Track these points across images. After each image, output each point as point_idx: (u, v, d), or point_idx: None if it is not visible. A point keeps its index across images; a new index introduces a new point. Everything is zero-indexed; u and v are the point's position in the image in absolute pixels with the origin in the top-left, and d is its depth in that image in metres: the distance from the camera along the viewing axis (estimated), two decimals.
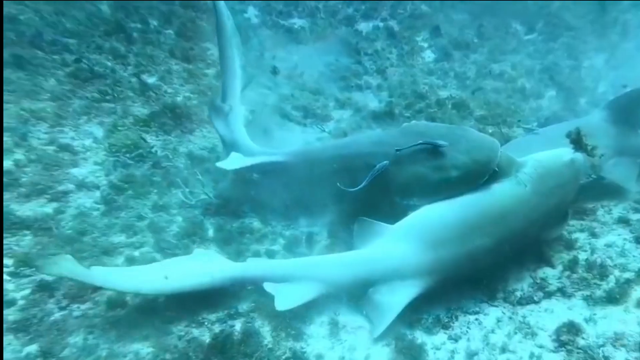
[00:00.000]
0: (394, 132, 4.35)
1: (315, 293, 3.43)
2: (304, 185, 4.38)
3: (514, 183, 3.76)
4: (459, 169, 3.75)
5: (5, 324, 3.03)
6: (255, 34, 9.01)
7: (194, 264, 3.50)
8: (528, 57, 8.80)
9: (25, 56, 5.61)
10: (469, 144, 3.87)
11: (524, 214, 3.72)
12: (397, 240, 3.63)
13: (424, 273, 3.48)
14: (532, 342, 3.25)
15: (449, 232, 3.58)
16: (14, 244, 3.58)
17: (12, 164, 4.22)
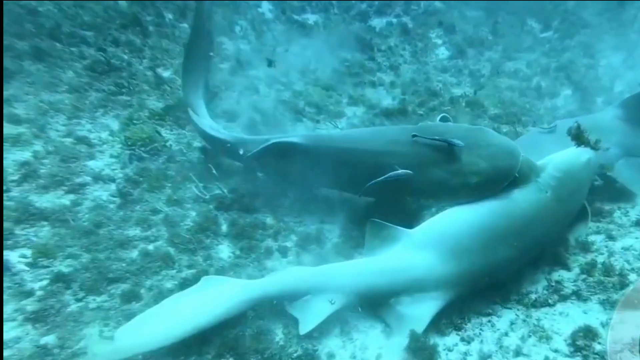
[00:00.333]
0: (411, 131, 4.18)
1: (335, 306, 3.29)
2: (316, 171, 4.20)
3: (535, 189, 3.64)
4: (478, 175, 3.59)
5: (24, 314, 3.06)
6: (268, 28, 8.94)
7: (209, 293, 3.25)
8: (543, 55, 8.61)
9: (44, 48, 5.62)
10: (489, 148, 3.69)
11: (545, 222, 3.63)
12: (418, 248, 3.49)
13: (447, 285, 3.36)
14: (546, 346, 3.18)
15: (473, 242, 3.45)
16: (33, 235, 3.60)
17: (31, 155, 4.24)
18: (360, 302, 3.39)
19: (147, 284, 3.52)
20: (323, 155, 4.14)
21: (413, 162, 3.78)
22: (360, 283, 3.37)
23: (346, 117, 6.39)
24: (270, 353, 3.09)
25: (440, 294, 3.34)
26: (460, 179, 3.62)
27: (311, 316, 3.24)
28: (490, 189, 3.61)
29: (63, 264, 3.45)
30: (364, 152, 4.01)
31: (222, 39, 8.00)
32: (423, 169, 3.75)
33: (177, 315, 3.06)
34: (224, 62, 7.26)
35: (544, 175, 3.70)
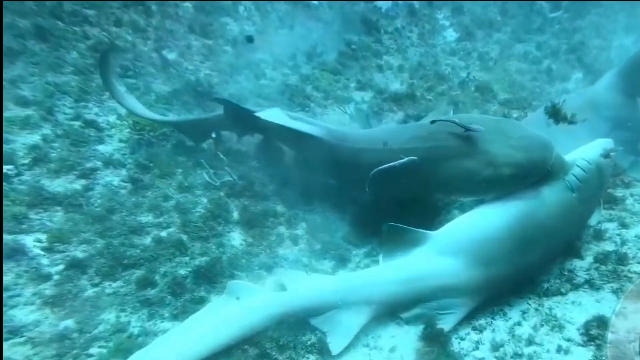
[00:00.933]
0: (432, 127, 3.98)
1: (365, 319, 3.24)
2: (333, 168, 4.19)
3: (563, 189, 3.54)
4: (512, 167, 3.44)
5: (42, 297, 3.11)
6: (273, 9, 8.77)
7: (233, 308, 3.16)
8: (554, 36, 8.48)
9: (46, 27, 5.51)
10: (523, 140, 3.57)
11: (571, 223, 3.60)
12: (443, 253, 3.38)
13: (475, 292, 3.32)
14: (559, 335, 3.22)
15: (502, 248, 3.35)
16: (47, 220, 3.63)
17: (40, 138, 4.22)
18: (387, 312, 3.36)
19: (162, 271, 3.56)
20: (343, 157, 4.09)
21: (441, 154, 3.66)
22: (387, 293, 3.29)
23: (354, 102, 6.33)
24: (285, 341, 3.14)
25: (466, 299, 3.31)
26: (492, 170, 3.48)
27: (341, 333, 3.17)
28: (522, 181, 3.50)
29: (78, 249, 3.48)
30: (384, 151, 3.83)
31: (226, 19, 7.87)
32: (452, 161, 3.62)
33: (198, 339, 3.00)
34: (228, 45, 7.15)
35: (572, 173, 3.59)
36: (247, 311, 3.12)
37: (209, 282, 3.58)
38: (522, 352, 3.12)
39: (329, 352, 3.15)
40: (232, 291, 3.21)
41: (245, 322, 3.08)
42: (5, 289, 3.08)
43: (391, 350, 3.22)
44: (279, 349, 3.08)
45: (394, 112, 6.21)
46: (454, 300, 3.30)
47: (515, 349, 3.14)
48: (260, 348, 3.06)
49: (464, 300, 3.31)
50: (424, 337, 3.21)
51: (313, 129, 4.22)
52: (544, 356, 3.09)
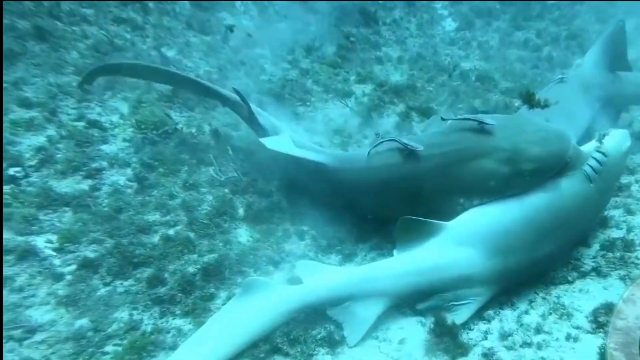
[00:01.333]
0: (445, 131, 3.95)
1: (380, 310, 3.29)
2: (343, 194, 4.07)
3: (581, 180, 3.53)
4: (531, 162, 3.41)
5: (56, 297, 3.17)
6: (270, 3, 8.74)
7: (250, 306, 3.19)
8: (553, 23, 8.50)
9: (46, 27, 5.51)
10: (538, 134, 3.55)
11: (588, 214, 3.61)
12: (459, 244, 3.38)
13: (491, 282, 3.33)
14: (567, 323, 3.25)
15: (519, 238, 3.36)
16: (56, 221, 3.68)
17: (46, 140, 4.26)
18: (403, 303, 3.40)
19: (171, 269, 3.62)
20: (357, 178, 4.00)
21: (457, 157, 3.63)
22: (403, 284, 3.32)
23: (355, 96, 6.34)
24: (295, 335, 3.20)
25: (482, 290, 3.33)
26: (511, 167, 3.46)
27: (357, 325, 3.22)
28: (542, 175, 3.48)
29: (88, 249, 3.55)
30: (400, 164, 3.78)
31: (224, 14, 7.86)
32: (469, 163, 3.59)
33: (222, 338, 3.05)
34: (229, 40, 7.14)
35: (589, 163, 3.58)
36: (266, 307, 3.17)
37: (218, 279, 3.64)
38: (531, 340, 3.16)
39: (339, 345, 3.22)
40: (249, 288, 3.26)
41: (266, 317, 3.14)
42: (20, 290, 3.15)
43: (401, 342, 3.28)
44: (290, 344, 3.15)
45: (395, 104, 6.24)
46: (470, 290, 3.32)
47: (524, 338, 3.17)
48: (272, 343, 3.13)
49: (479, 290, 3.33)
50: (434, 328, 3.24)
51: (320, 156, 4.13)
52: (553, 344, 3.13)
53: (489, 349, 3.13)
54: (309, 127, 5.63)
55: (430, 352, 3.17)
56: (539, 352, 3.10)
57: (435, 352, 3.16)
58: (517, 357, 3.08)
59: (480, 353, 3.13)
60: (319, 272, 3.41)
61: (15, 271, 3.25)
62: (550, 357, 3.04)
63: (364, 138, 5.55)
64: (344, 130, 5.61)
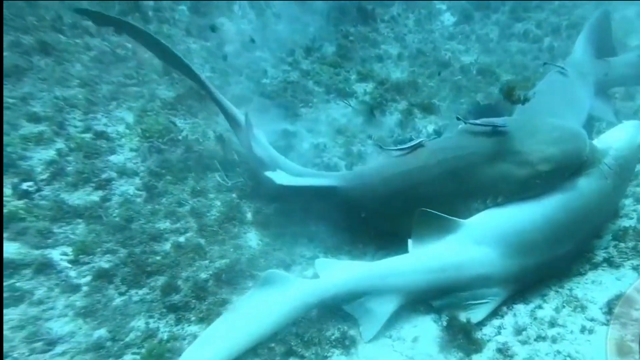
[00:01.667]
0: (452, 136, 3.96)
1: (395, 306, 3.29)
2: (358, 211, 4.00)
3: (597, 177, 3.51)
4: (549, 162, 3.40)
5: (74, 309, 3.24)
6: (268, 5, 8.77)
7: (267, 299, 3.22)
8: (553, 13, 8.47)
9: (49, 41, 5.58)
10: (553, 133, 3.54)
11: (604, 211, 3.60)
12: (477, 242, 3.37)
13: (509, 282, 3.32)
14: (582, 315, 3.24)
15: (538, 237, 3.35)
16: (70, 233, 3.75)
17: (56, 153, 4.33)
18: (418, 300, 3.41)
19: (184, 276, 3.67)
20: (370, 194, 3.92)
21: (472, 161, 3.62)
22: (419, 281, 3.33)
23: (357, 94, 6.36)
24: (309, 336, 3.23)
25: (500, 290, 3.33)
26: (528, 168, 3.44)
27: (371, 321, 3.25)
28: (559, 175, 3.46)
29: (103, 260, 3.61)
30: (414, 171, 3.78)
31: (222, 19, 7.89)
32: (485, 166, 3.57)
33: (237, 330, 3.08)
34: (227, 45, 7.18)
35: (606, 161, 3.56)
36: (283, 300, 3.19)
37: (230, 284, 3.70)
38: (546, 334, 3.16)
39: (353, 346, 3.26)
40: (268, 281, 3.29)
41: (283, 310, 3.16)
42: (39, 303, 3.22)
43: (414, 340, 3.31)
44: (304, 346, 3.19)
45: (397, 101, 6.27)
46: (487, 290, 3.32)
47: (538, 332, 3.18)
48: (286, 345, 3.18)
49: (496, 290, 3.33)
50: (447, 326, 3.26)
51: (327, 180, 4.07)
52: (568, 337, 3.14)
53: (504, 344, 3.13)
54: (312, 128, 5.68)
55: (445, 349, 3.20)
56: (554, 345, 3.10)
57: (450, 349, 3.19)
58: (532, 351, 3.08)
59: (494, 348, 3.14)
60: (336, 268, 3.44)
61: (34, 285, 3.32)
62: (565, 351, 3.05)
63: (368, 137, 5.59)
64: (348, 130, 5.66)
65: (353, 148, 5.39)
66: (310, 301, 3.24)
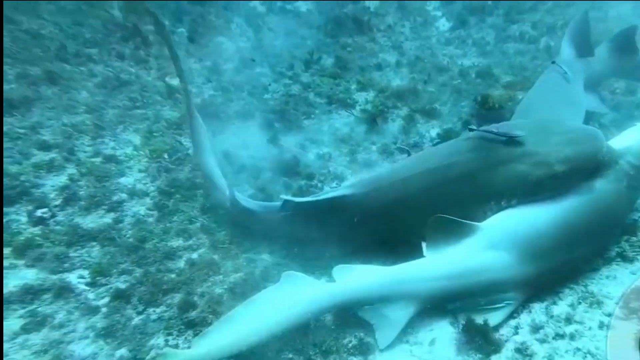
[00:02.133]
0: (465, 139, 3.93)
1: (411, 312, 3.30)
2: (374, 218, 3.91)
3: (614, 179, 3.53)
4: (565, 163, 3.39)
5: (94, 330, 3.32)
6: (264, 22, 8.99)
7: (283, 297, 3.24)
8: (548, 13, 8.60)
9: (55, 70, 5.77)
10: (569, 134, 3.55)
11: (621, 212, 3.62)
12: (493, 247, 3.36)
13: (526, 285, 3.32)
14: (599, 311, 3.24)
15: (554, 241, 3.35)
16: (86, 256, 3.84)
17: (67, 179, 4.45)
18: (434, 306, 3.39)
19: (199, 291, 3.74)
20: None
21: (484, 163, 3.61)
22: (436, 287, 3.33)
23: (359, 103, 6.48)
24: (327, 345, 3.27)
25: (517, 294, 3.33)
26: (545, 169, 3.43)
27: (388, 327, 3.25)
28: (577, 176, 3.46)
29: (119, 280, 3.70)
30: (425, 174, 3.75)
31: (221, 39, 8.11)
32: (498, 168, 3.56)
33: (250, 322, 3.10)
34: (228, 63, 7.36)
35: (622, 162, 3.56)
36: (298, 300, 3.21)
37: (245, 297, 3.74)
38: (564, 331, 3.16)
39: (371, 352, 3.28)
40: (285, 281, 3.34)
41: (296, 310, 3.17)
42: (60, 327, 3.30)
43: (431, 344, 3.33)
44: (322, 355, 3.23)
45: (399, 108, 6.38)
46: (503, 295, 3.31)
47: (556, 330, 3.18)
48: (305, 355, 3.22)
49: (513, 294, 3.33)
50: (464, 328, 3.28)
51: (337, 191, 3.98)
52: (587, 334, 3.13)
53: (522, 343, 3.13)
54: (316, 139, 5.79)
55: (463, 351, 3.21)
56: (573, 342, 3.10)
57: (468, 352, 3.20)
58: (551, 349, 3.08)
59: (513, 348, 3.14)
60: (352, 272, 3.45)
61: (54, 309, 3.41)
62: (585, 347, 3.05)
63: (372, 144, 5.69)
64: (351, 139, 5.76)
65: (358, 156, 5.49)
66: (325, 304, 3.26)
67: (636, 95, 6.30)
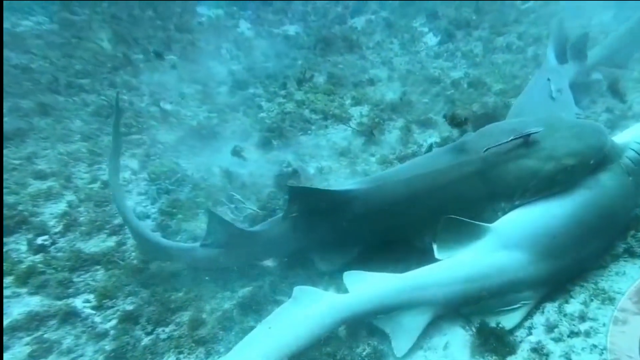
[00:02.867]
0: (473, 137, 4.03)
1: (428, 319, 3.31)
2: (378, 216, 3.93)
3: (619, 173, 3.62)
4: (574, 156, 3.52)
5: (104, 353, 3.32)
6: (253, 45, 9.34)
7: (299, 313, 3.27)
8: (532, 25, 9.04)
9: (47, 102, 5.94)
10: (573, 129, 3.69)
11: (629, 207, 3.69)
12: (506, 247, 3.41)
13: (542, 284, 3.37)
14: (611, 307, 3.27)
15: (566, 238, 3.40)
16: (90, 280, 3.88)
17: (66, 206, 4.53)
18: (450, 311, 3.43)
19: (208, 309, 3.78)
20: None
21: (493, 161, 3.69)
22: (452, 292, 3.34)
23: (354, 118, 6.70)
24: (341, 355, 3.29)
25: (532, 293, 3.37)
26: (553, 163, 3.54)
27: (404, 335, 3.27)
28: (584, 169, 3.55)
29: (126, 302, 3.73)
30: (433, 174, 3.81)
31: (212, 63, 8.40)
32: (507, 164, 3.65)
33: (269, 343, 3.10)
34: (222, 86, 7.62)
35: (626, 156, 3.68)
36: (314, 315, 3.24)
37: (255, 311, 3.80)
38: (579, 329, 3.19)
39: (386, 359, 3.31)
40: (298, 297, 3.37)
41: (312, 326, 3.21)
42: (68, 352, 3.31)
43: (445, 348, 3.35)
44: None
45: (394, 120, 6.60)
46: (519, 295, 3.35)
47: (570, 328, 3.22)
48: None
49: (528, 294, 3.36)
50: (478, 331, 3.31)
51: (345, 186, 4.02)
52: (602, 330, 3.15)
53: (537, 343, 3.14)
54: (314, 154, 5.95)
55: (477, 354, 3.23)
56: (589, 339, 3.11)
57: (483, 354, 3.22)
58: (566, 347, 3.10)
59: (528, 349, 3.16)
60: (365, 281, 3.46)
61: (61, 334, 3.42)
62: (601, 344, 3.06)
63: (371, 156, 5.86)
64: (350, 152, 5.93)
65: (357, 168, 5.64)
66: (341, 316, 3.29)
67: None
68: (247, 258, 4.13)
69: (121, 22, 8.75)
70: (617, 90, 6.05)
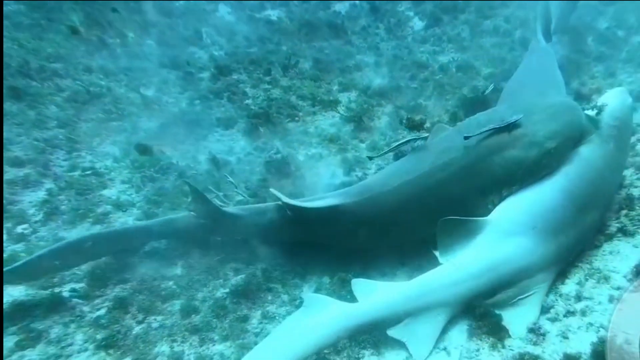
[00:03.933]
0: (454, 136, 4.06)
1: (443, 321, 3.33)
2: (367, 229, 3.97)
3: (600, 143, 3.80)
4: (554, 138, 3.66)
5: (95, 342, 3.32)
6: (235, 31, 9.24)
7: (309, 322, 3.30)
8: (519, 7, 9.20)
9: (19, 87, 5.78)
10: (548, 110, 3.82)
11: (615, 173, 3.85)
12: (508, 235, 3.48)
13: (550, 265, 3.45)
14: (607, 285, 3.39)
15: (564, 213, 3.50)
16: (76, 269, 3.83)
17: (46, 194, 4.45)
18: (465, 309, 3.42)
19: (200, 296, 3.80)
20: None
21: (477, 157, 3.77)
22: (462, 290, 3.36)
23: (342, 104, 6.75)
24: (341, 344, 3.34)
25: (543, 276, 3.43)
26: (536, 149, 3.66)
27: (422, 341, 3.28)
28: (567, 148, 3.71)
29: (115, 291, 3.72)
30: (420, 178, 3.84)
31: (193, 49, 8.30)
32: (492, 157, 3.74)
33: (281, 352, 3.13)
34: (203, 72, 7.53)
35: (602, 126, 3.86)
36: (324, 324, 3.27)
37: (248, 299, 3.84)
38: (574, 309, 3.32)
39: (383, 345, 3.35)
40: (309, 305, 3.41)
41: (323, 335, 3.23)
42: (58, 341, 3.30)
43: (443, 331, 3.36)
44: (335, 352, 3.31)
45: (383, 105, 6.68)
46: (531, 280, 3.40)
47: (566, 307, 3.34)
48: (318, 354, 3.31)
49: (541, 277, 3.44)
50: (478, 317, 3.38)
51: (330, 200, 3.95)
52: (597, 308, 3.28)
53: (534, 324, 3.25)
54: (303, 140, 5.98)
55: (475, 336, 3.32)
56: (585, 318, 3.24)
57: (480, 336, 3.32)
58: (563, 327, 3.22)
59: (525, 329, 3.22)
60: (375, 291, 3.47)
61: (48, 324, 3.40)
62: (597, 322, 3.18)
63: (360, 142, 5.93)
64: (339, 138, 5.99)
65: (348, 155, 5.70)
66: (351, 325, 3.29)
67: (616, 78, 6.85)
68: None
69: (94, 5, 8.52)
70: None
